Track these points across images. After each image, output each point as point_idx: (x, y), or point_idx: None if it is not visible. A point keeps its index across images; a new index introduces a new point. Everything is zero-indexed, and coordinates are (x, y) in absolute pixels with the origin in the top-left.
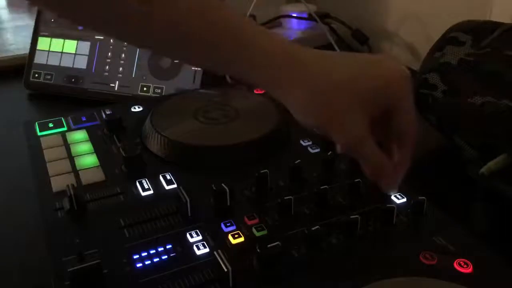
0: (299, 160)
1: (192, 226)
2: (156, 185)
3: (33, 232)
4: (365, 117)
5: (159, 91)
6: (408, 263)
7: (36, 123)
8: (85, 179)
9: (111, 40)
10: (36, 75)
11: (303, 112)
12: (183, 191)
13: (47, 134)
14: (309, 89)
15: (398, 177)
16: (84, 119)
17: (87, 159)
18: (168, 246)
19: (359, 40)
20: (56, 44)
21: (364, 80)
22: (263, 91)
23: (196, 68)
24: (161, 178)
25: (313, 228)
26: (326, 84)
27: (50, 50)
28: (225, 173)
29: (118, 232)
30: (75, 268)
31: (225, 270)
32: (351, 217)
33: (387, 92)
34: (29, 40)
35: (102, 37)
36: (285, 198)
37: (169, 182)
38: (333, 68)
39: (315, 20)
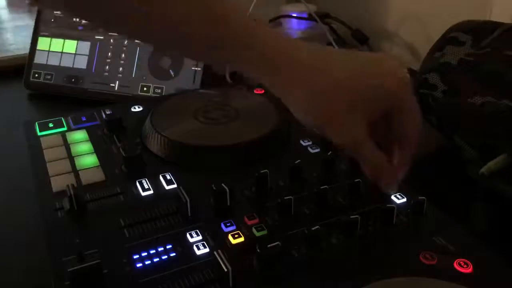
0: (299, 160)
1: (192, 226)
2: (156, 185)
3: (33, 232)
4: (365, 117)
5: (159, 91)
6: (408, 263)
7: (36, 123)
8: (85, 179)
9: (111, 40)
10: (36, 75)
11: (304, 111)
12: (183, 191)
13: (47, 134)
14: (309, 89)
15: (398, 177)
16: (84, 119)
17: (87, 159)
18: (168, 246)
19: (359, 40)
20: (56, 44)
21: (365, 78)
22: (262, 91)
23: (196, 68)
24: (161, 178)
25: (313, 228)
26: (326, 84)
27: (50, 50)
28: (225, 173)
29: (118, 232)
30: (75, 268)
31: (225, 270)
32: (351, 217)
33: (388, 91)
34: (29, 40)
35: (102, 37)
36: (285, 198)
37: (169, 182)
38: (333, 67)
39: (315, 20)
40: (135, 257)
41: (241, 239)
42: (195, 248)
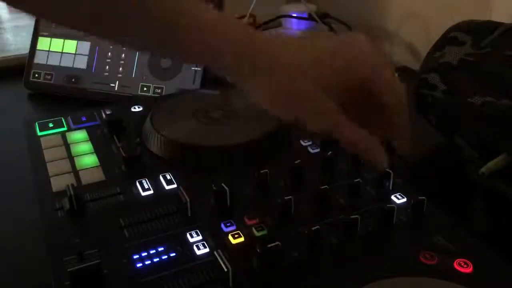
0: (299, 160)
1: (192, 226)
2: (156, 185)
3: (33, 232)
4: (335, 99)
5: (159, 91)
6: (408, 263)
7: (36, 123)
8: (85, 179)
9: None
10: (36, 75)
11: (270, 103)
12: (183, 191)
13: (47, 134)
14: (273, 78)
15: (406, 139)
16: (84, 119)
17: (87, 159)
18: (168, 246)
19: None
20: (56, 44)
21: (328, 61)
22: None
23: (196, 68)
24: (161, 178)
25: (313, 228)
26: (290, 74)
27: (50, 50)
28: (225, 173)
29: (118, 232)
30: (75, 268)
31: (225, 270)
32: (351, 217)
33: (355, 66)
34: (29, 40)
35: None
36: (285, 198)
37: (169, 182)
38: (296, 54)
39: (315, 20)
40: (135, 257)
41: (241, 239)
42: (195, 248)
